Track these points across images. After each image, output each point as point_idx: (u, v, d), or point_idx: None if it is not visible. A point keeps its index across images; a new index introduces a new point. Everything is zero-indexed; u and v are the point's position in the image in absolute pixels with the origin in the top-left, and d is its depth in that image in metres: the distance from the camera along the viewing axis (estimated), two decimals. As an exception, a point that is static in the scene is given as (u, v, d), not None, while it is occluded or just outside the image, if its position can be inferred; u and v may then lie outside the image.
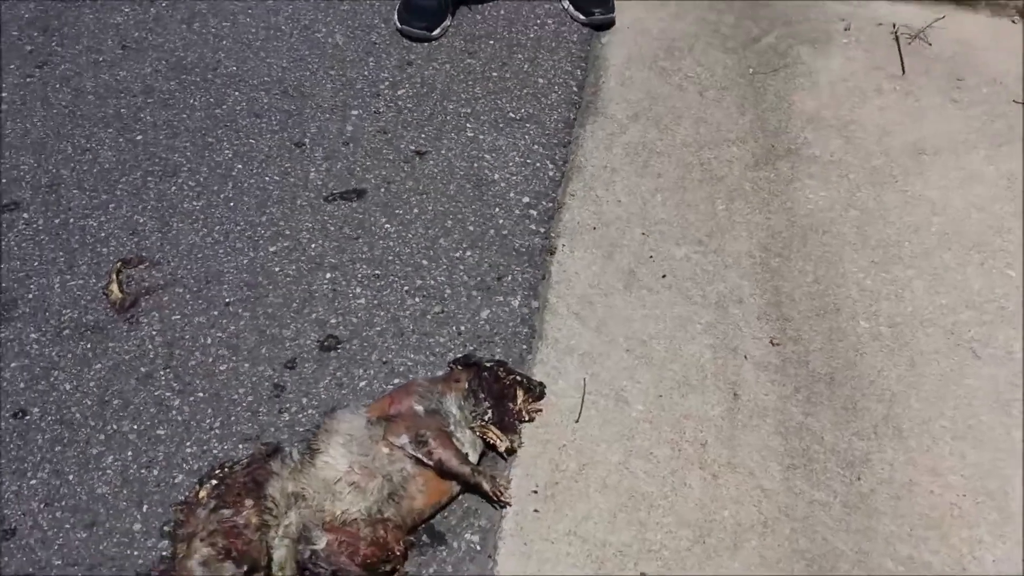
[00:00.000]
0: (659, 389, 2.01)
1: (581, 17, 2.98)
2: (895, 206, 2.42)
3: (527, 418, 1.91)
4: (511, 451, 1.85)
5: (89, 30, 2.78)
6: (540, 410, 1.94)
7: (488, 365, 1.91)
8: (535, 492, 1.81)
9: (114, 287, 2.11)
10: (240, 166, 2.42)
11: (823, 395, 2.01)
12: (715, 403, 1.99)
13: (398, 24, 2.89)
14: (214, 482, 1.75)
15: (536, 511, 1.79)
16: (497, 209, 2.35)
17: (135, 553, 1.70)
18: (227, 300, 2.12)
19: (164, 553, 1.69)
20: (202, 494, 1.74)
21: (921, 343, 2.10)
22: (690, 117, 2.69)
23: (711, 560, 1.73)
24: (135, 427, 1.88)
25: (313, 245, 2.24)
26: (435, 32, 2.88)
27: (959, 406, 1.96)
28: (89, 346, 2.01)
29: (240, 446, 1.86)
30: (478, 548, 1.73)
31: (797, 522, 1.80)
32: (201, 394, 1.95)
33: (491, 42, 2.86)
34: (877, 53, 2.91)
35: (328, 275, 2.18)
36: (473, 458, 1.81)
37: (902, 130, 2.62)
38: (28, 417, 1.88)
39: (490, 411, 1.85)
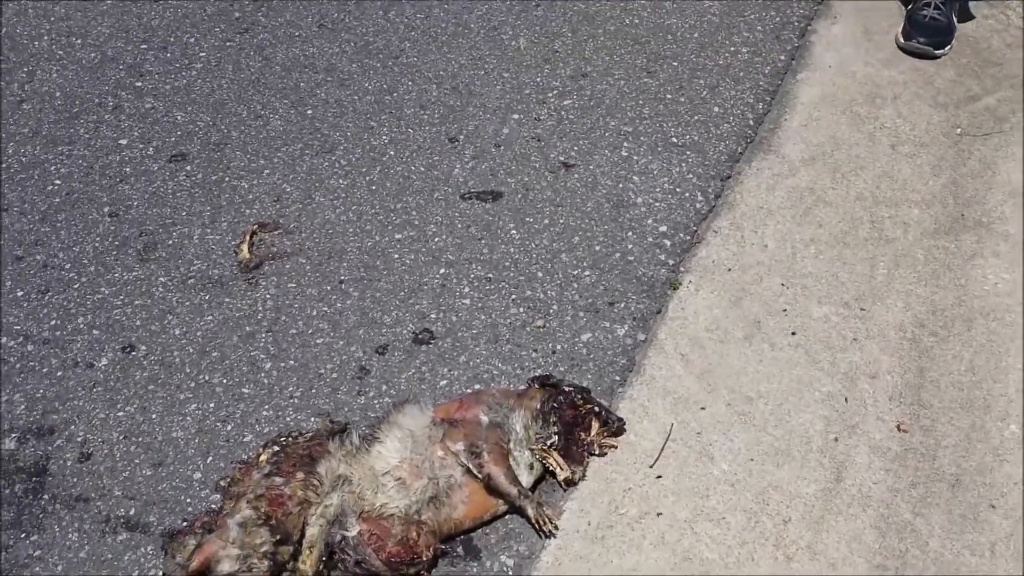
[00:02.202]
0: (752, 452, 1.83)
1: (901, 40, 2.81)
2: (1090, 303, 2.08)
3: (597, 452, 1.80)
4: (571, 482, 1.75)
5: (295, 5, 2.93)
6: (614, 446, 1.82)
7: (567, 389, 1.82)
8: (585, 530, 1.70)
9: (245, 247, 2.20)
10: (392, 152, 2.46)
11: (942, 497, 1.75)
12: (812, 480, 1.79)
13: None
14: (276, 448, 1.78)
15: (580, 550, 1.67)
16: (630, 233, 2.24)
17: (188, 500, 1.75)
18: (342, 278, 2.15)
19: (213, 506, 1.72)
20: (263, 457, 1.76)
21: (1078, 464, 1.79)
22: (873, 170, 2.45)
23: (756, 650, 1.56)
24: (224, 381, 1.95)
25: (436, 239, 2.23)
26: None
27: (1104, 547, 1.65)
28: (207, 298, 2.11)
29: (313, 419, 1.88)
30: (509, 574, 1.64)
31: (870, 633, 1.57)
32: (292, 362, 1.98)
33: (675, 63, 2.75)
34: (1115, 130, 2.53)
35: (442, 270, 2.16)
36: (526, 480, 1.72)
37: (1122, 219, 2.26)
38: (134, 353, 2.00)
39: (556, 436, 1.76)
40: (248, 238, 2.22)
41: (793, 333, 2.06)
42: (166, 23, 2.83)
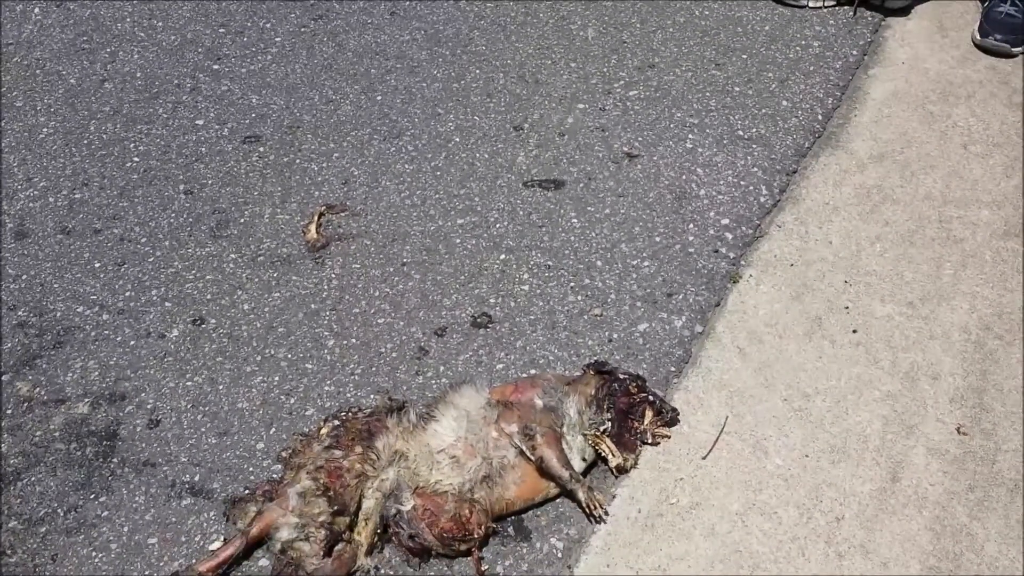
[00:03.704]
0: (807, 449, 1.83)
1: (977, 37, 2.77)
2: None
3: (650, 440, 1.81)
4: (622, 469, 1.77)
5: (368, -6, 3.00)
6: (667, 436, 1.83)
7: (622, 377, 1.83)
8: (635, 517, 1.71)
9: (312, 227, 2.26)
10: (457, 139, 2.49)
11: (1000, 501, 1.73)
12: (868, 479, 1.78)
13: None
14: (336, 422, 1.83)
15: (630, 537, 1.69)
16: (691, 225, 2.24)
17: (250, 468, 1.81)
18: (404, 260, 2.19)
19: (274, 476, 1.78)
20: (323, 431, 1.82)
21: None
22: (944, 169, 2.41)
23: (802, 644, 1.56)
24: (289, 356, 2.01)
25: (498, 225, 2.26)
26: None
27: None
28: (275, 275, 2.17)
29: (372, 396, 1.92)
30: (559, 556, 1.67)
31: (920, 634, 1.56)
32: (354, 340, 2.03)
33: (744, 56, 2.73)
34: None
35: (502, 256, 2.19)
36: (578, 465, 1.74)
37: None
38: (204, 325, 2.07)
39: (609, 423, 1.77)
40: (316, 219, 2.28)
41: (855, 331, 2.04)
42: (244, 8, 2.91)
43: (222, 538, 1.70)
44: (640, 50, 2.76)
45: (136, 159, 2.44)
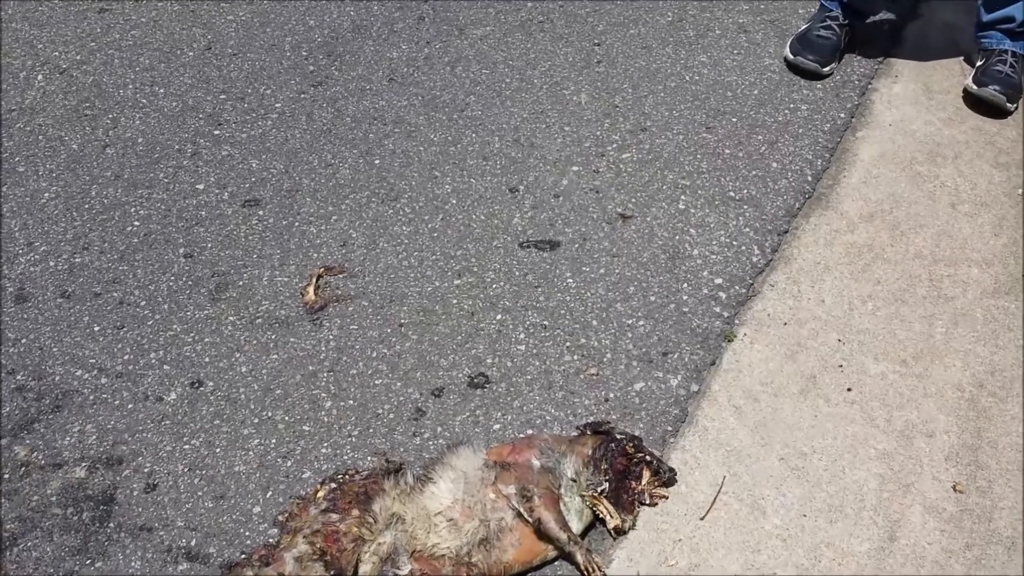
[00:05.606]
0: (805, 508, 1.83)
1: (973, 87, 2.83)
2: None
3: (648, 501, 1.81)
4: (620, 531, 1.76)
5: (366, 60, 3.05)
6: (665, 497, 1.83)
7: (619, 437, 1.84)
8: (633, 580, 1.71)
9: (311, 289, 2.28)
10: (454, 201, 2.53)
11: (997, 559, 1.72)
12: (865, 538, 1.78)
13: (790, 56, 2.97)
14: (333, 485, 1.83)
15: (628, 599, 1.68)
16: (685, 285, 2.27)
17: (246, 533, 1.81)
18: (402, 321, 2.21)
19: (270, 540, 1.78)
20: (320, 494, 1.82)
21: None
22: (933, 228, 2.45)
23: None
24: (286, 418, 2.01)
25: (494, 286, 2.29)
26: (826, 69, 2.93)
27: None
28: (273, 337, 2.19)
29: (369, 458, 1.93)
30: (557, 620, 1.66)
31: None
32: (351, 402, 2.04)
33: (734, 119, 2.79)
34: None
35: (499, 316, 2.21)
36: (576, 527, 1.74)
37: None
38: (202, 388, 2.07)
39: (607, 484, 1.77)
40: (314, 281, 2.30)
41: (849, 389, 2.05)
42: (244, 75, 2.97)
43: (218, 603, 1.69)
44: (632, 114, 2.82)
45: (136, 223, 2.47)
